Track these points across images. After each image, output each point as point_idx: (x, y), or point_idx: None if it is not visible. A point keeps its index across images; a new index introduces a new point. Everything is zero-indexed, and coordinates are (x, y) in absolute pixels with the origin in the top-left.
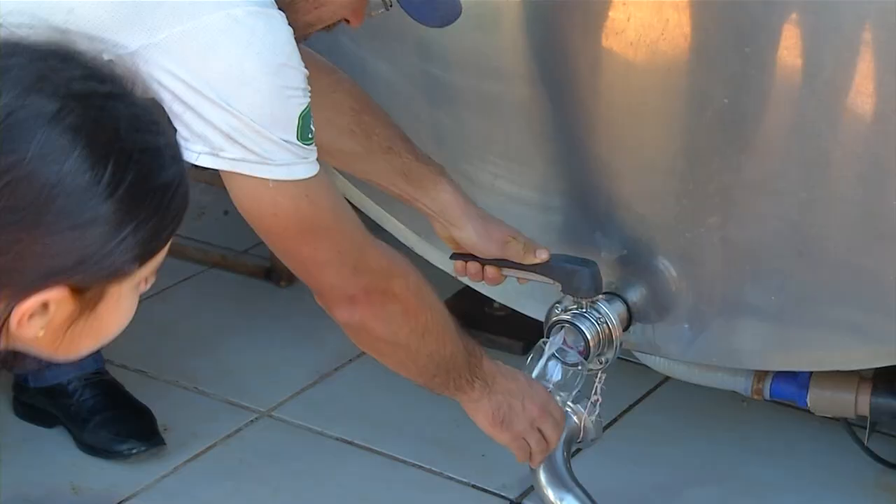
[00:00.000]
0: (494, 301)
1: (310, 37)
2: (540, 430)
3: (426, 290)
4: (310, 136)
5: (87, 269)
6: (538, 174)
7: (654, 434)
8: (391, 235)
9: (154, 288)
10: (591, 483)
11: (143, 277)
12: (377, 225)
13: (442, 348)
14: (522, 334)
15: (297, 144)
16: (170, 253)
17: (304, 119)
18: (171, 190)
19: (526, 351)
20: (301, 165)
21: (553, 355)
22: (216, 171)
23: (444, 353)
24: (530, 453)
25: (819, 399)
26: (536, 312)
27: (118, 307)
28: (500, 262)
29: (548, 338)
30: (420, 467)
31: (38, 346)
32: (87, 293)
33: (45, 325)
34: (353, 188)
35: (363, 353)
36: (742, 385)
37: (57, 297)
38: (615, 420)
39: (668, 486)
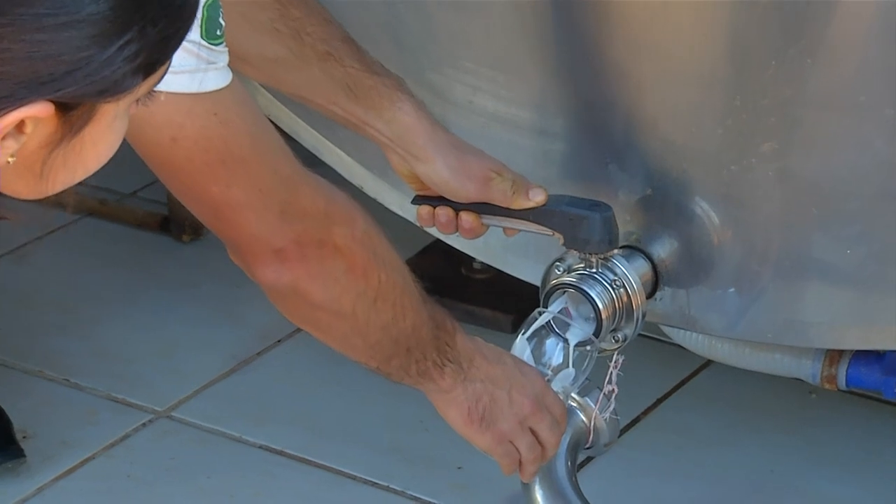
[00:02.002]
0: (474, 260)
1: None
2: (534, 432)
3: (379, 241)
4: (218, 33)
5: (81, 79)
6: (532, 87)
7: (689, 437)
8: (332, 171)
9: (8, 243)
10: (605, 501)
11: (139, 96)
12: (314, 157)
13: (400, 320)
14: (511, 304)
15: (201, 44)
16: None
17: (210, 11)
18: None
19: (516, 326)
20: (207, 73)
21: (552, 331)
22: None
23: (404, 326)
24: (520, 462)
25: None
26: (530, 274)
27: (107, 133)
28: (481, 207)
29: (545, 307)
30: (375, 484)
31: (3, 179)
32: (74, 112)
33: (19, 150)
34: (281, 107)
35: (296, 329)
36: (808, 370)
37: (39, 114)
38: (637, 419)
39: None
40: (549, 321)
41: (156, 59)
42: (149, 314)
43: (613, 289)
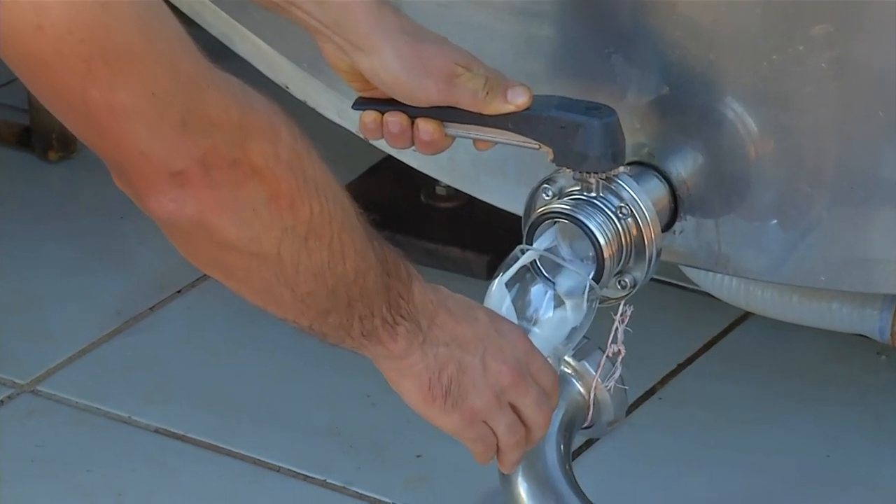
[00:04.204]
0: (436, 183)
1: None
2: (515, 408)
3: (310, 160)
4: None
5: None
6: None
7: (720, 413)
8: (248, 66)
9: None
10: (609, 498)
11: None
12: (225, 48)
13: (339, 264)
14: (485, 240)
15: None
16: None
17: None
18: None
19: (492, 270)
20: None
21: (539, 275)
22: None
23: (344, 271)
24: (498, 448)
25: None
26: (509, 200)
27: None
28: (444, 113)
29: (529, 244)
30: (307, 478)
31: None
32: None
33: None
34: None
35: (202, 276)
36: (874, 324)
37: None
38: (653, 389)
39: (748, 500)
40: (535, 262)
41: None
42: (5, 257)
43: (619, 218)
